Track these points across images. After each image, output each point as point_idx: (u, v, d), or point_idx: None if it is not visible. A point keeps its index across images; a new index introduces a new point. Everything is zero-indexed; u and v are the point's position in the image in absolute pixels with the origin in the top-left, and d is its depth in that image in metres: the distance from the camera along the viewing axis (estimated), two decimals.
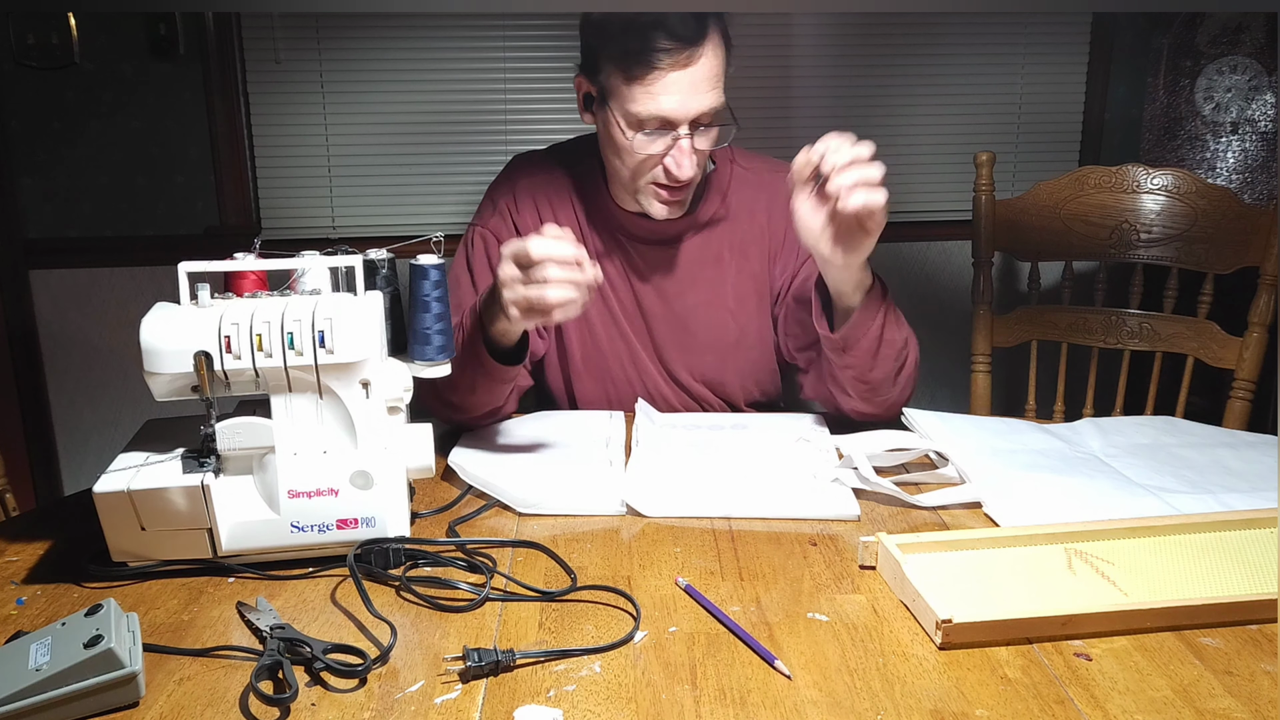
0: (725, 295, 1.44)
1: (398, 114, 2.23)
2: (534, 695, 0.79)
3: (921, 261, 2.42)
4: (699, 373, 1.48)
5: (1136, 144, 2.33)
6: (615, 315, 1.45)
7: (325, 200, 2.27)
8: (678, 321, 1.44)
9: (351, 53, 2.18)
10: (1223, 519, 1.04)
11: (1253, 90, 2.12)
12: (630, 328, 1.45)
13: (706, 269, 1.43)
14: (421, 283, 1.07)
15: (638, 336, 1.46)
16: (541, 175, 1.46)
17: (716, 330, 1.45)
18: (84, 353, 2.26)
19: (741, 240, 1.44)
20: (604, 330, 1.45)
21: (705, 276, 1.43)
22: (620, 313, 1.45)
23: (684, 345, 1.46)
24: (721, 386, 1.49)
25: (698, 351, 1.46)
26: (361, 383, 0.97)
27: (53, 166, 2.16)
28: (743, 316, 1.45)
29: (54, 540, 1.05)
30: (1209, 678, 0.81)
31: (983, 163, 1.77)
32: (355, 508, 0.97)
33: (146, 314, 0.94)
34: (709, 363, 1.46)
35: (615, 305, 1.45)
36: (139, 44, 2.11)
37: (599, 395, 1.49)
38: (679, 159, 1.28)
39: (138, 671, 0.77)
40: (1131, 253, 1.71)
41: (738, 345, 1.46)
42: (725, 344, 1.46)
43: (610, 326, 1.45)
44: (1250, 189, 2.14)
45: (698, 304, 1.44)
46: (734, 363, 1.47)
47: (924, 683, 0.80)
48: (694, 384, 1.48)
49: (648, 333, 1.46)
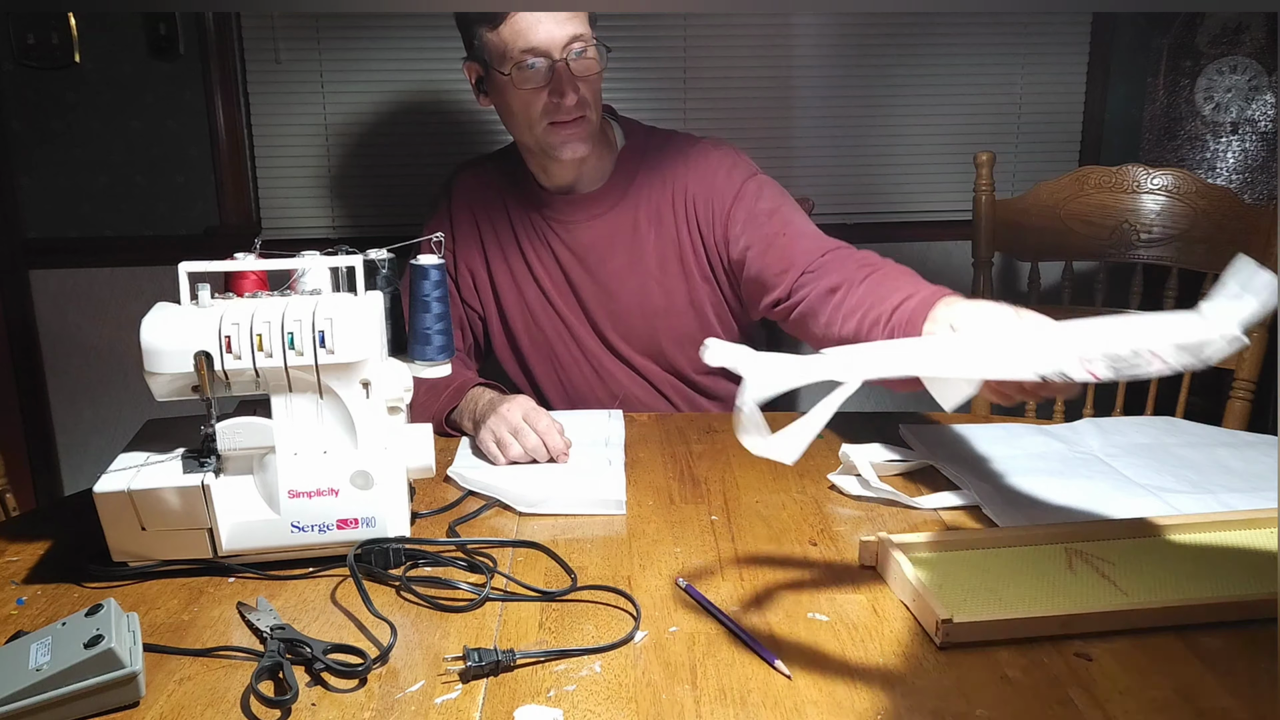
0: (647, 261, 1.48)
1: (398, 114, 2.23)
2: (534, 695, 0.79)
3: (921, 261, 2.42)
4: (635, 342, 1.52)
5: (1136, 144, 2.33)
6: (550, 295, 1.51)
7: (325, 200, 2.27)
8: (604, 290, 1.50)
9: (351, 53, 2.18)
10: (1223, 519, 1.04)
11: (1253, 90, 2.12)
12: (564, 305, 1.51)
13: (625, 236, 1.48)
14: (421, 283, 1.07)
15: (572, 313, 1.51)
16: (474, 178, 1.56)
17: (641, 295, 1.49)
18: (84, 353, 2.26)
19: (657, 208, 1.48)
20: (542, 312, 1.52)
21: (624, 244, 1.48)
22: (554, 292, 1.51)
23: (614, 313, 1.51)
24: (662, 356, 1.53)
25: (627, 318, 1.51)
26: (362, 383, 0.97)
27: (53, 166, 2.16)
28: (667, 282, 1.49)
29: (54, 540, 1.05)
30: (1209, 678, 0.81)
31: (983, 163, 1.77)
32: (355, 508, 0.97)
33: (147, 314, 0.94)
34: (640, 330, 1.51)
35: (549, 285, 1.51)
36: (139, 44, 2.11)
37: (551, 378, 1.55)
38: (561, 87, 1.33)
39: (138, 671, 0.77)
40: (1131, 253, 1.71)
41: (667, 311, 1.50)
42: (653, 309, 1.50)
43: (546, 307, 1.52)
44: (1250, 189, 2.14)
45: (620, 270, 1.49)
46: (665, 329, 1.51)
47: (924, 683, 0.80)
48: (635, 356, 1.53)
49: (580, 307, 1.51)
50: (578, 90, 1.34)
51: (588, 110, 1.37)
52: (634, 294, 1.49)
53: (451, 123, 2.25)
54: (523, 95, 1.35)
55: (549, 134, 1.38)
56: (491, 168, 1.56)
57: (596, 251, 1.49)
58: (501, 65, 1.35)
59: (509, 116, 1.41)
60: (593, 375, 1.54)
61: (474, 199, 1.54)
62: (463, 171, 1.58)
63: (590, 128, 1.39)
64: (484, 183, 1.54)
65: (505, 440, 1.22)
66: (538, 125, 1.37)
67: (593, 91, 1.37)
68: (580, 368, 1.54)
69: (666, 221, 1.48)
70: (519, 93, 1.35)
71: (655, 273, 1.49)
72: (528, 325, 1.54)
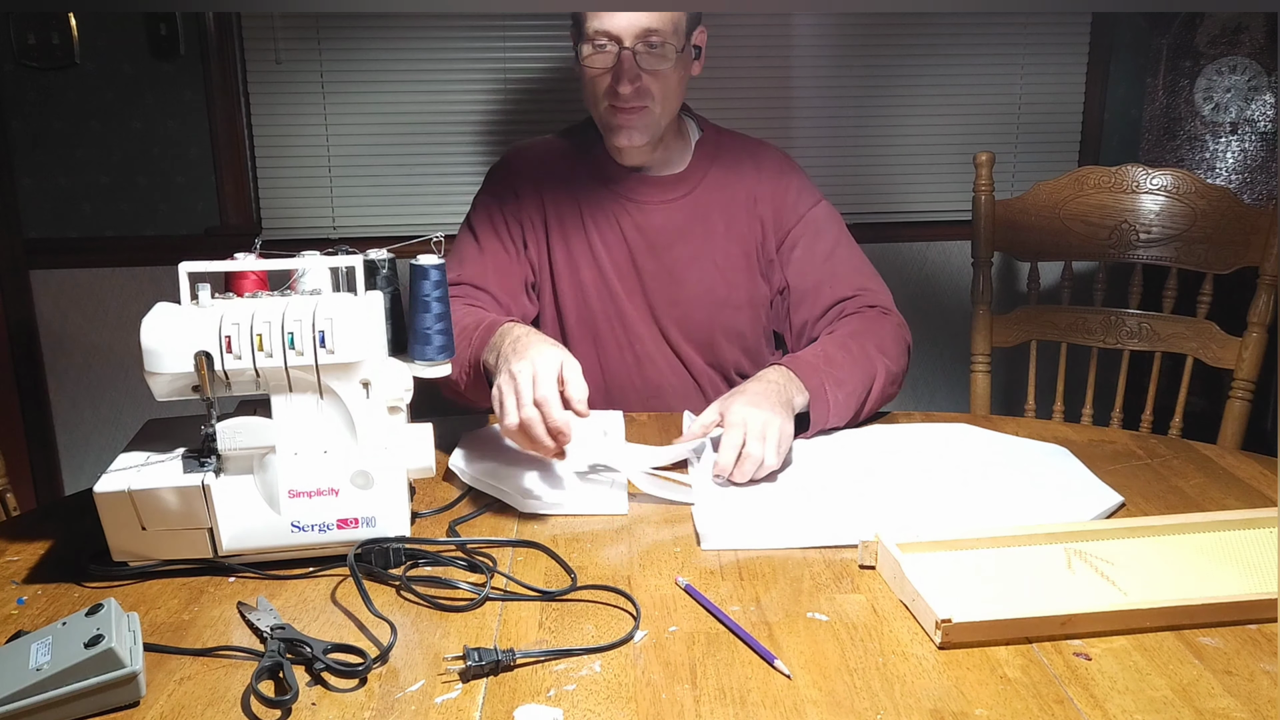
0: (714, 252, 1.50)
1: (398, 114, 2.23)
2: (534, 695, 0.79)
3: (921, 261, 2.42)
4: (691, 331, 1.52)
5: (1136, 144, 2.33)
6: (607, 275, 1.50)
7: (325, 200, 2.27)
8: (669, 275, 1.50)
9: (351, 53, 2.18)
10: (1223, 519, 1.04)
11: (1252, 90, 2.12)
12: (621, 286, 1.50)
13: (696, 226, 1.49)
14: (422, 283, 1.07)
15: (629, 295, 1.51)
16: (537, 151, 1.55)
17: (705, 284, 1.50)
18: (84, 353, 2.26)
19: (728, 203, 1.50)
20: (596, 292, 1.50)
21: (695, 232, 1.49)
22: (613, 271, 1.50)
23: (673, 299, 1.50)
24: (711, 348, 1.53)
25: (686, 305, 1.50)
26: (362, 383, 0.97)
27: (53, 166, 2.16)
28: (731, 275, 1.50)
29: (54, 540, 1.06)
30: (1208, 677, 0.81)
31: (982, 163, 1.77)
32: (355, 507, 0.97)
33: (147, 314, 0.94)
34: (697, 319, 1.51)
35: (608, 264, 1.50)
36: (139, 44, 2.11)
37: (590, 359, 1.52)
38: (620, 73, 1.36)
39: (138, 671, 0.77)
40: (1131, 253, 1.71)
41: (725, 303, 1.51)
42: (714, 300, 1.50)
43: (601, 287, 1.50)
44: (1250, 189, 2.15)
45: (688, 256, 1.49)
46: (722, 321, 1.51)
47: (924, 682, 0.80)
48: (684, 345, 1.52)
49: (640, 290, 1.51)
50: (637, 80, 1.37)
51: (649, 102, 1.39)
52: (698, 282, 1.50)
53: (452, 123, 2.25)
54: (590, 72, 1.40)
55: (609, 115, 1.42)
56: (558, 145, 1.55)
57: (666, 234, 1.49)
58: (579, 40, 1.39)
59: (583, 87, 1.44)
60: (633, 362, 1.52)
61: (536, 173, 1.52)
62: (521, 148, 1.57)
63: (649, 119, 1.41)
64: (545, 159, 1.54)
65: (507, 407, 1.12)
66: (600, 104, 1.42)
67: (661, 87, 1.39)
68: (623, 353, 1.52)
69: (737, 217, 1.50)
70: (587, 67, 1.39)
71: (721, 264, 1.50)
72: (578, 304, 1.51)
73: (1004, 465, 1.23)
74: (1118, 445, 1.32)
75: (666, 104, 1.42)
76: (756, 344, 1.55)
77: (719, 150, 1.53)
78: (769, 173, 1.51)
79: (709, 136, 1.54)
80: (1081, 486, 1.16)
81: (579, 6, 1.40)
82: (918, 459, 1.25)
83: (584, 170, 1.51)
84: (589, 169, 1.51)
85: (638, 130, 1.41)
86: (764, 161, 1.53)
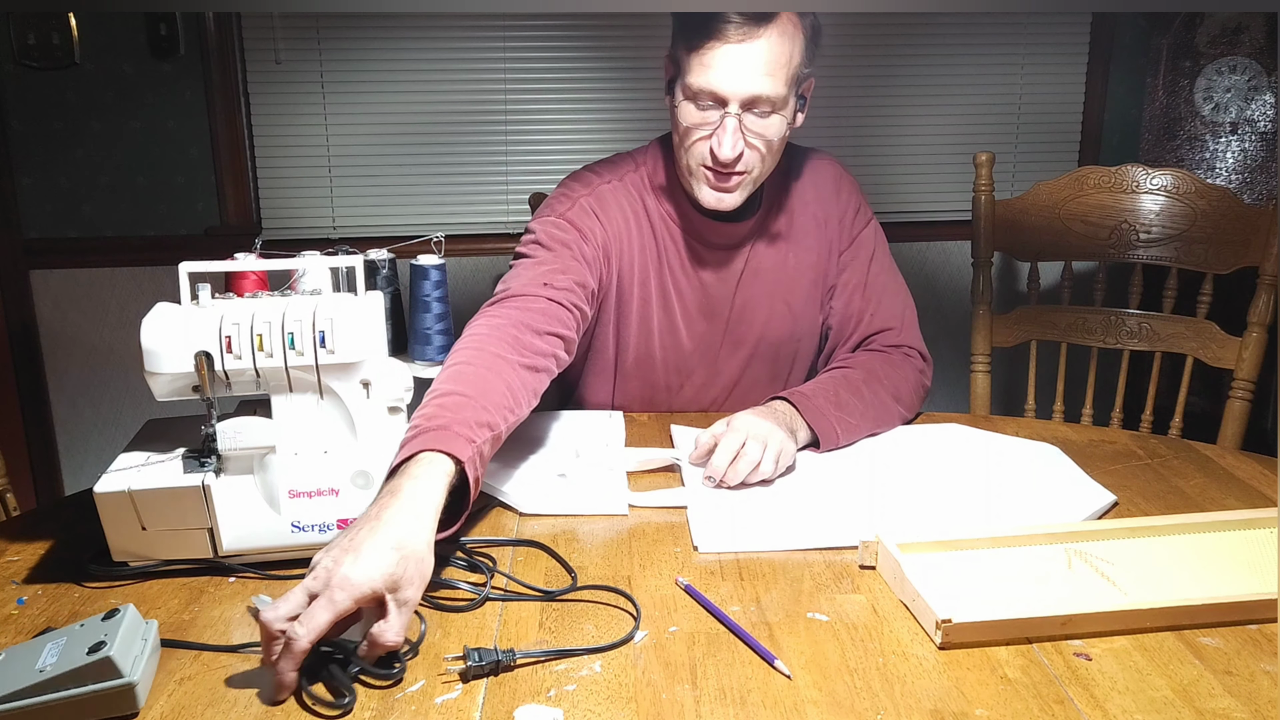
0: (785, 288, 1.43)
1: (398, 114, 2.23)
2: (534, 695, 0.79)
3: (921, 261, 2.42)
4: (752, 365, 1.46)
5: (1136, 144, 2.33)
6: (674, 319, 1.42)
7: (325, 200, 2.27)
8: (739, 316, 1.43)
9: (351, 53, 2.18)
10: (1223, 519, 1.04)
11: (1252, 90, 2.12)
12: (688, 331, 1.43)
13: (769, 263, 1.42)
14: (422, 283, 1.08)
15: (694, 339, 1.43)
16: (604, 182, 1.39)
17: (775, 322, 1.44)
18: (84, 352, 2.26)
19: (798, 233, 1.43)
20: (660, 335, 1.42)
21: (767, 271, 1.42)
22: (680, 317, 1.42)
23: (740, 339, 1.44)
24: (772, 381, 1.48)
25: (754, 344, 1.44)
26: (362, 383, 0.97)
27: (53, 166, 2.16)
28: (799, 308, 1.45)
29: (55, 540, 1.05)
30: (1209, 678, 0.81)
31: (982, 163, 1.77)
32: (356, 507, 0.97)
33: (147, 314, 0.94)
34: (763, 355, 1.46)
35: (676, 308, 1.41)
36: (139, 44, 2.12)
37: (638, 394, 1.47)
38: (721, 137, 1.23)
39: (135, 683, 0.76)
40: (1131, 253, 1.71)
41: (792, 337, 1.46)
42: (783, 336, 1.45)
43: (667, 330, 1.42)
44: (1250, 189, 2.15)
45: (759, 296, 1.42)
46: (787, 353, 1.47)
47: (924, 682, 0.80)
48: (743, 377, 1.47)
49: (707, 331, 1.44)
50: (737, 148, 1.24)
51: (750, 169, 1.28)
52: (768, 321, 1.43)
53: (452, 123, 2.25)
54: (686, 126, 1.27)
55: (699, 175, 1.30)
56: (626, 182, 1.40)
57: (741, 276, 1.41)
58: (683, 88, 1.26)
59: (675, 132, 1.31)
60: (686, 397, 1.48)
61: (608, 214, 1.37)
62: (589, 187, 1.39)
63: (746, 182, 1.30)
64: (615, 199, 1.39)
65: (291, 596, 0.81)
66: (693, 163, 1.29)
67: (766, 151, 1.28)
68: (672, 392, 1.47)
69: (806, 245, 1.43)
70: (686, 122, 1.27)
71: (791, 300, 1.44)
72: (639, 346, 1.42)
73: (996, 466, 1.23)
74: (1118, 445, 1.32)
75: (766, 166, 1.31)
76: (814, 369, 1.50)
77: (786, 176, 1.43)
78: (829, 190, 1.44)
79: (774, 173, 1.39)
80: (1074, 486, 1.16)
81: (579, 7, 1.38)
82: (910, 461, 1.25)
83: (655, 210, 1.39)
84: (660, 209, 1.39)
85: (731, 195, 1.30)
86: (823, 178, 1.45)
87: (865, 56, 2.29)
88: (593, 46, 2.21)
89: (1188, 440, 1.36)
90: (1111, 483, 1.18)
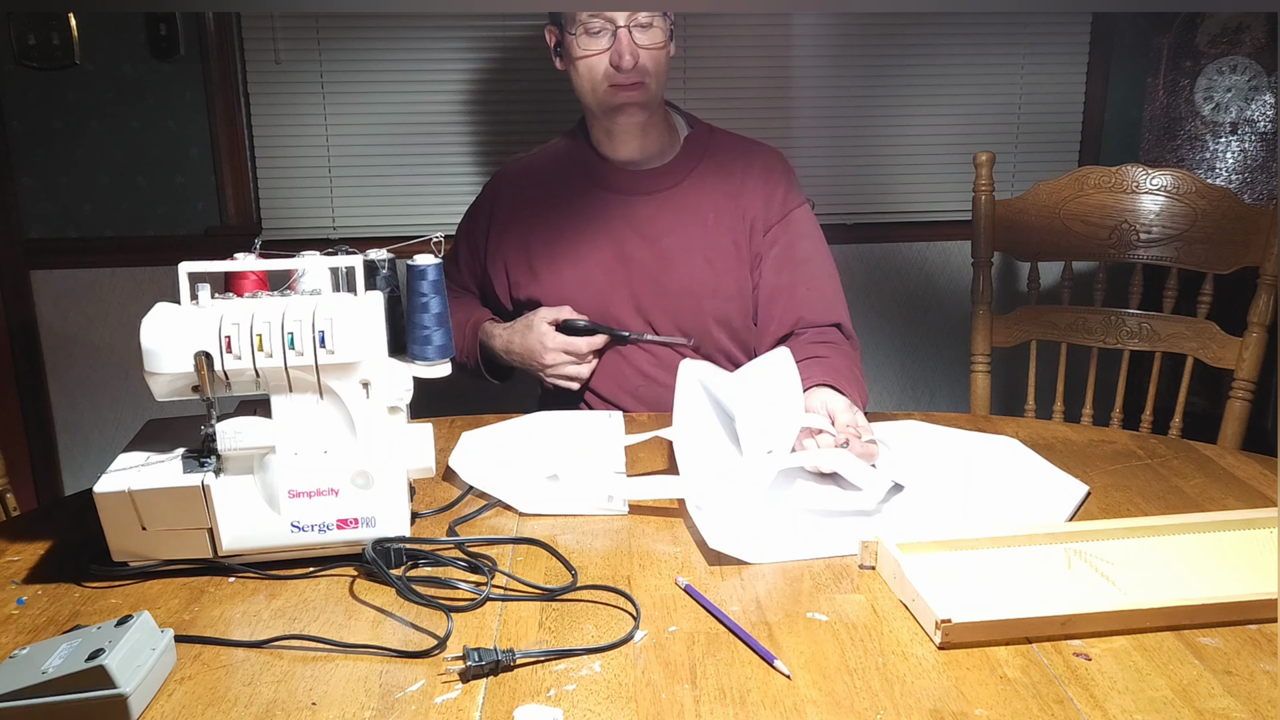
0: (703, 243, 1.54)
1: (398, 114, 2.23)
2: (534, 695, 0.79)
3: (921, 261, 2.42)
4: (678, 319, 1.55)
5: (1136, 144, 2.33)
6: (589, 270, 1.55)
7: (325, 200, 2.27)
8: (657, 265, 1.54)
9: (351, 53, 2.18)
10: (1223, 519, 1.04)
11: (1252, 90, 2.12)
12: (607, 280, 1.54)
13: (685, 217, 1.54)
14: (420, 283, 1.07)
15: (614, 289, 1.54)
16: (520, 166, 1.64)
17: (694, 274, 1.53)
18: (84, 352, 2.26)
19: (717, 199, 1.54)
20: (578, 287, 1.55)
21: (684, 223, 1.54)
22: (597, 266, 1.55)
23: (662, 288, 1.54)
24: (700, 336, 1.56)
25: (676, 295, 1.54)
26: (362, 383, 0.97)
27: (53, 166, 2.16)
28: (719, 265, 1.53)
29: (55, 540, 1.06)
30: (1208, 677, 0.81)
31: (982, 163, 1.77)
32: (355, 508, 0.97)
33: (147, 314, 0.94)
34: (687, 308, 1.55)
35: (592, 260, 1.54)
36: (139, 44, 2.11)
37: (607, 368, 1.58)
38: (619, 48, 1.43)
39: (127, 695, 0.75)
40: (1131, 253, 1.71)
41: (715, 293, 1.54)
42: (703, 289, 1.54)
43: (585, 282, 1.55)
44: (1250, 189, 2.14)
45: (676, 248, 1.53)
46: (711, 310, 1.54)
47: (923, 682, 0.80)
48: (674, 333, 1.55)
49: (628, 281, 1.54)
50: (637, 57, 1.43)
51: (646, 78, 1.46)
52: (687, 272, 1.53)
53: (452, 123, 2.25)
54: (586, 57, 1.45)
55: (609, 95, 1.47)
56: (544, 154, 1.63)
57: (655, 226, 1.54)
58: (572, 27, 1.45)
59: (577, 78, 1.50)
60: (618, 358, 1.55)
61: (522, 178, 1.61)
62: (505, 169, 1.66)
63: (648, 95, 1.48)
64: (530, 163, 1.63)
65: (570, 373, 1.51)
66: (600, 86, 1.47)
67: (654, 63, 1.46)
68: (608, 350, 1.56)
69: (724, 209, 1.54)
70: (583, 53, 1.45)
71: (710, 255, 1.53)
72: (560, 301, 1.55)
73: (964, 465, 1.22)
74: (1118, 445, 1.32)
75: (659, 80, 1.48)
76: (745, 332, 1.57)
77: (709, 145, 1.57)
78: (758, 169, 1.56)
79: (699, 133, 1.58)
80: (1047, 481, 1.16)
81: (578, 7, 1.41)
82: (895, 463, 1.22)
83: (572, 170, 1.58)
84: (578, 168, 1.58)
85: (639, 107, 1.47)
86: (754, 159, 1.57)
87: (865, 56, 2.29)
88: None
89: (1188, 440, 1.36)
90: (1111, 483, 1.18)
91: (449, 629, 0.86)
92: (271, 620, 0.90)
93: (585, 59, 1.46)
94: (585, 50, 1.45)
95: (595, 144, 1.57)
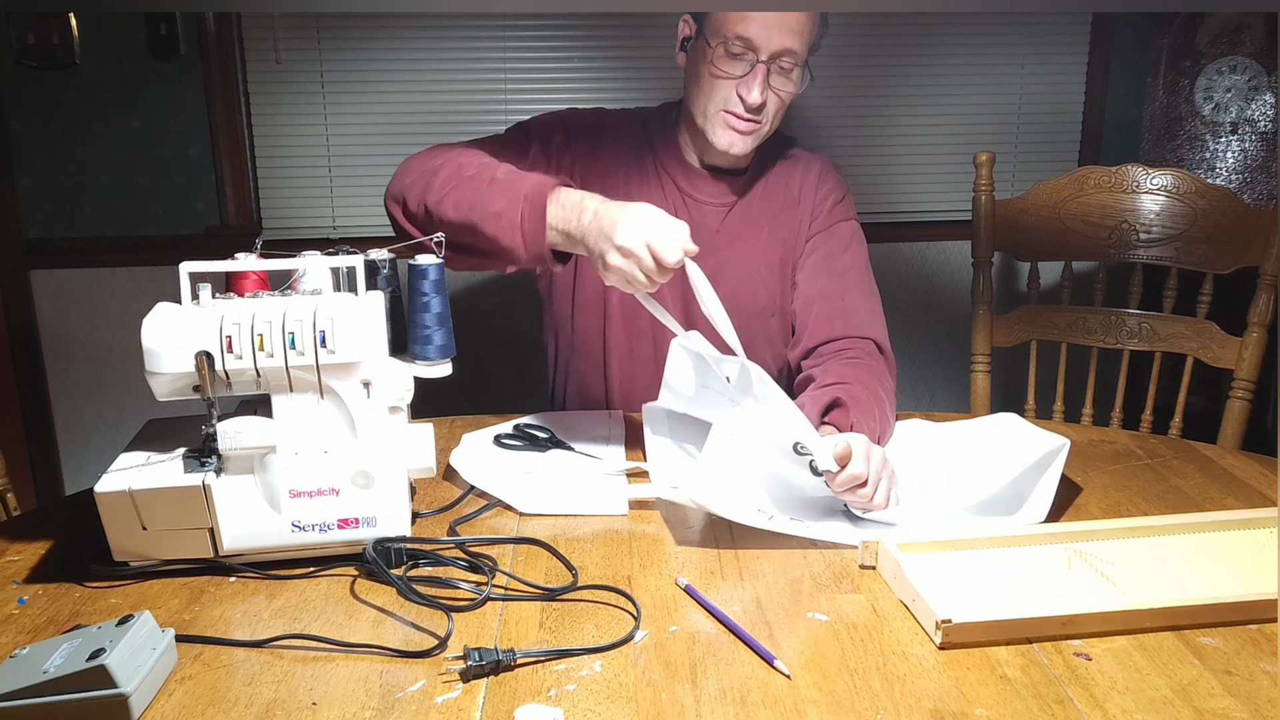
0: (757, 258, 1.49)
1: (398, 114, 2.23)
2: (534, 694, 0.79)
3: (921, 261, 2.42)
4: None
5: (1136, 144, 2.33)
6: None
7: (326, 200, 2.27)
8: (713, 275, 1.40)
9: (351, 53, 2.18)
10: (1223, 519, 1.04)
11: (1252, 90, 2.12)
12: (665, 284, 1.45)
13: (746, 229, 1.48)
14: (421, 283, 1.07)
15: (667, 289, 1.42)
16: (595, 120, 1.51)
17: (746, 290, 1.48)
18: (85, 352, 2.26)
19: (777, 209, 1.49)
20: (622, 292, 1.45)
21: (744, 237, 1.48)
22: None
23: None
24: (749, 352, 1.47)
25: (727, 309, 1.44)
26: (362, 382, 0.97)
27: (53, 166, 2.16)
28: (770, 281, 1.49)
29: (55, 540, 1.06)
30: (1208, 677, 0.81)
31: (982, 163, 1.77)
32: (356, 507, 0.97)
33: (147, 314, 0.95)
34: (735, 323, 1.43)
35: None
36: (139, 44, 2.11)
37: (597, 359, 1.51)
38: (751, 83, 1.33)
39: (128, 694, 0.75)
40: (1131, 253, 1.72)
41: (764, 311, 1.50)
42: (754, 307, 1.49)
43: None
44: (1250, 189, 2.14)
45: (733, 261, 1.47)
46: (759, 328, 1.50)
47: (924, 682, 0.81)
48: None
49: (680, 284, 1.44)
50: (764, 97, 1.35)
51: (765, 121, 1.39)
52: (740, 288, 1.47)
53: (452, 122, 2.25)
54: (715, 74, 1.36)
55: (720, 119, 1.38)
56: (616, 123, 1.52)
57: (718, 237, 1.47)
58: (712, 37, 1.35)
59: (694, 84, 1.41)
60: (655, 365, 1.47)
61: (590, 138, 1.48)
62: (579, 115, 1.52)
63: (759, 136, 1.41)
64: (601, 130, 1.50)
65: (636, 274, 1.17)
66: (716, 109, 1.38)
67: (778, 108, 1.39)
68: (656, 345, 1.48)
69: (781, 220, 1.49)
70: (715, 71, 1.35)
71: (763, 271, 1.49)
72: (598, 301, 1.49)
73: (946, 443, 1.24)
74: (1118, 445, 1.32)
75: (774, 124, 1.41)
76: (784, 349, 1.52)
77: (774, 153, 1.52)
78: (814, 174, 1.51)
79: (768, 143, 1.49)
80: (1023, 435, 1.16)
81: (577, 7, 1.39)
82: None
83: (646, 153, 1.48)
84: (654, 156, 1.48)
85: (748, 139, 1.40)
86: (812, 166, 1.53)
87: (865, 56, 2.29)
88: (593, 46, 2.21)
89: (1188, 440, 1.36)
90: (1111, 483, 1.19)
91: (449, 629, 0.86)
92: (272, 620, 0.90)
93: (713, 77, 1.36)
94: (718, 70, 1.35)
95: (680, 140, 1.49)
